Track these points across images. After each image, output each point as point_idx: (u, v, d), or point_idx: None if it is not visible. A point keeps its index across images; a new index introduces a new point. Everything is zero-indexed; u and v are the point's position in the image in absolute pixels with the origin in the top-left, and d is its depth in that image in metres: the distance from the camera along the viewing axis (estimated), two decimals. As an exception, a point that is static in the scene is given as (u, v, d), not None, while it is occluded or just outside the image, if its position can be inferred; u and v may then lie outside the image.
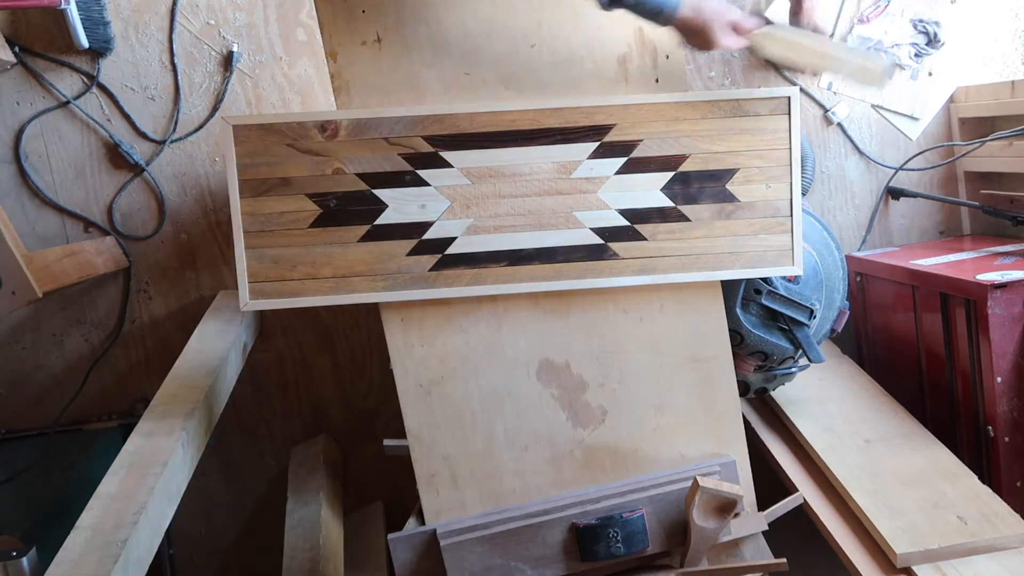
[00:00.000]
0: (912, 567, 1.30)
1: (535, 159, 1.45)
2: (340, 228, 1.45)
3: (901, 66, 2.05)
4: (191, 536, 2.14)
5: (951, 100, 2.10)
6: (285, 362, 2.12)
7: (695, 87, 2.04)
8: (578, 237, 1.46)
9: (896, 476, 1.49)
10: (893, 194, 2.14)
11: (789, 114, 1.46)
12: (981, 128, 2.06)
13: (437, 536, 1.44)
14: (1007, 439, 1.59)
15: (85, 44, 1.89)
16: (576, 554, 1.44)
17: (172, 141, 2.01)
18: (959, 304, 1.66)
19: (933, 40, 2.03)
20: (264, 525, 2.14)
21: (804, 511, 1.50)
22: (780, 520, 1.48)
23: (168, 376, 1.57)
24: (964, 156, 2.08)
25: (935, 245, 2.06)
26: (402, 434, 1.51)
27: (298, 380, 2.13)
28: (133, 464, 1.30)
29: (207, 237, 2.05)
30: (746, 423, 1.67)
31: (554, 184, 1.45)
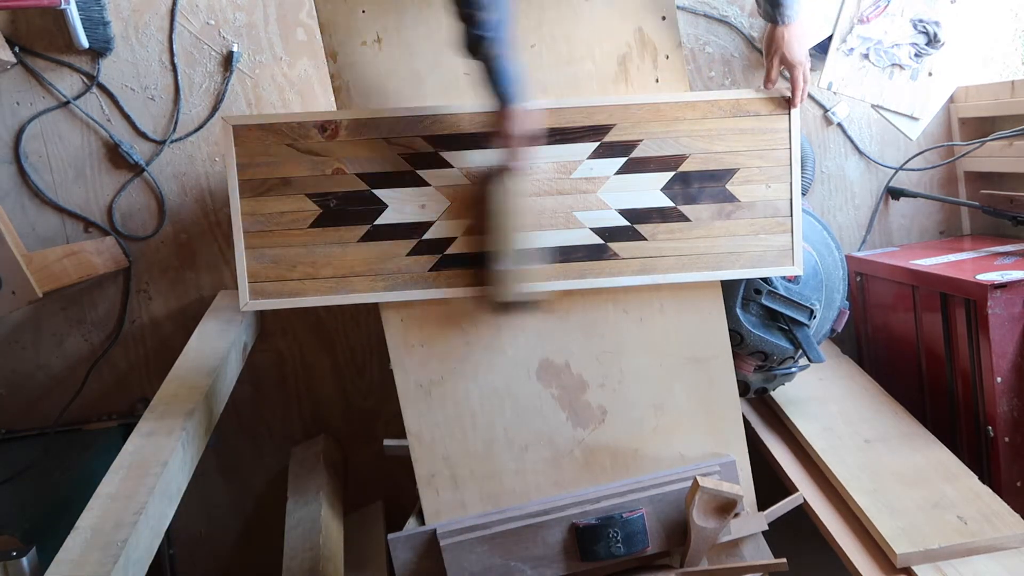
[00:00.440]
0: (912, 567, 1.30)
1: (535, 159, 1.44)
2: (340, 228, 1.45)
3: (901, 66, 2.05)
4: (191, 536, 2.14)
5: (951, 100, 2.10)
6: (285, 362, 2.12)
7: (695, 87, 2.04)
8: (578, 237, 1.46)
9: (896, 476, 1.49)
10: (893, 194, 2.14)
11: (789, 114, 1.46)
12: (981, 128, 2.06)
13: (437, 536, 1.44)
14: (1007, 439, 1.59)
15: (85, 44, 1.89)
16: (576, 554, 1.44)
17: (172, 141, 2.01)
18: (959, 304, 1.66)
19: (933, 40, 2.03)
20: (264, 525, 2.14)
21: (804, 511, 1.50)
22: (780, 520, 1.48)
23: (168, 376, 1.57)
24: (964, 156, 2.07)
25: (935, 245, 2.06)
26: (402, 434, 1.51)
27: (298, 380, 2.13)
28: (133, 464, 1.31)
29: (207, 237, 2.05)
30: (746, 423, 1.67)
31: (554, 184, 1.45)
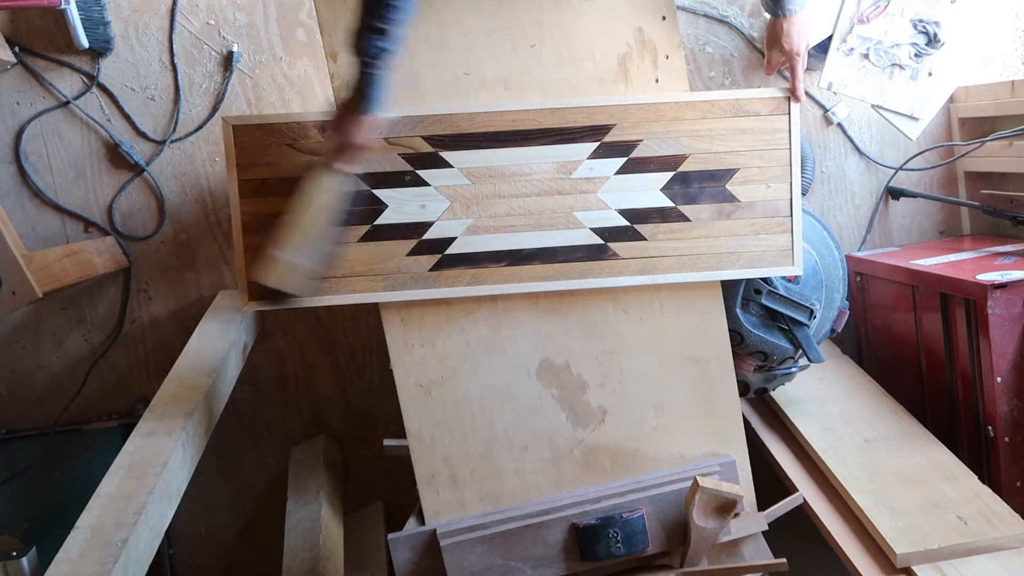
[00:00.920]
0: (912, 567, 1.30)
1: (535, 159, 1.45)
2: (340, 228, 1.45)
3: (901, 66, 2.05)
4: (191, 536, 2.14)
5: (951, 100, 2.10)
6: (285, 362, 2.11)
7: (695, 87, 2.04)
8: (578, 237, 1.46)
9: (896, 476, 1.49)
10: (893, 194, 2.14)
11: (789, 114, 1.46)
12: (981, 128, 2.06)
13: (437, 536, 1.44)
14: (1007, 439, 1.59)
15: (85, 44, 1.88)
16: (576, 554, 1.44)
17: (172, 141, 2.01)
18: (959, 304, 1.66)
19: (933, 40, 2.03)
20: (264, 525, 2.14)
21: (804, 511, 1.50)
22: (780, 520, 1.48)
23: (168, 376, 1.57)
24: (964, 156, 2.07)
25: (935, 245, 2.06)
26: (402, 434, 1.51)
27: (298, 380, 2.13)
28: (133, 464, 1.30)
29: (207, 237, 2.05)
30: (746, 423, 1.67)
31: (554, 184, 1.45)
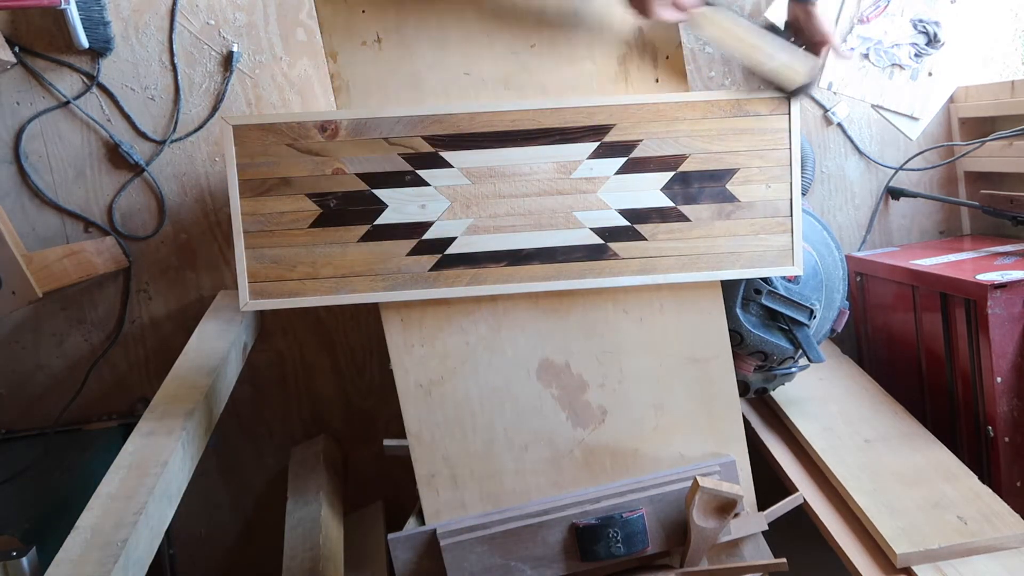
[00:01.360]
0: (912, 567, 1.30)
1: (535, 159, 1.45)
2: (340, 228, 1.45)
3: (901, 66, 2.05)
4: (191, 536, 2.14)
5: (951, 100, 2.10)
6: (285, 362, 2.12)
7: (695, 87, 2.04)
8: (578, 237, 1.46)
9: (896, 476, 1.49)
10: (893, 194, 2.14)
11: (789, 114, 1.46)
12: (981, 128, 2.06)
13: (437, 536, 1.44)
14: (1007, 439, 1.59)
15: (85, 44, 1.88)
16: (576, 554, 1.44)
17: (172, 141, 2.01)
18: (959, 304, 1.66)
19: (933, 40, 2.03)
20: (264, 525, 2.14)
21: (804, 511, 1.50)
22: (780, 520, 1.48)
23: (168, 376, 1.57)
24: (964, 156, 2.07)
25: (935, 245, 2.06)
26: (402, 434, 1.50)
27: (298, 380, 2.13)
28: (133, 464, 1.30)
29: (207, 237, 2.05)
30: (746, 423, 1.67)
31: (554, 184, 1.45)
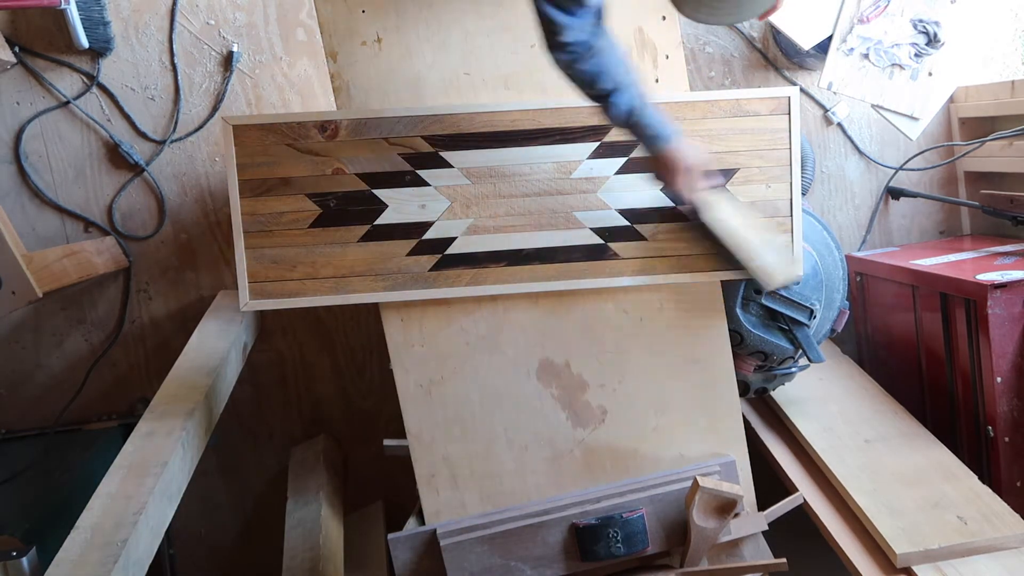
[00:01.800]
0: (912, 567, 1.30)
1: (535, 159, 1.45)
2: (340, 228, 1.45)
3: (901, 66, 2.05)
4: (191, 536, 2.14)
5: (951, 100, 2.10)
6: (285, 362, 2.11)
7: (695, 87, 2.04)
8: (578, 237, 1.46)
9: (896, 476, 1.49)
10: (893, 194, 2.14)
11: (789, 114, 1.46)
12: (981, 128, 2.06)
13: (437, 536, 1.44)
14: (1007, 439, 1.59)
15: (85, 44, 1.88)
16: (576, 554, 1.44)
17: (172, 141, 2.01)
18: (959, 304, 1.66)
19: (933, 40, 2.03)
20: (264, 525, 2.14)
21: (804, 511, 1.50)
22: (780, 520, 1.48)
23: (168, 376, 1.57)
24: (964, 156, 2.07)
25: (935, 245, 2.06)
26: (402, 434, 1.51)
27: (298, 380, 2.13)
28: (133, 464, 1.30)
29: (207, 237, 2.05)
30: (746, 423, 1.67)
31: (554, 184, 1.45)
